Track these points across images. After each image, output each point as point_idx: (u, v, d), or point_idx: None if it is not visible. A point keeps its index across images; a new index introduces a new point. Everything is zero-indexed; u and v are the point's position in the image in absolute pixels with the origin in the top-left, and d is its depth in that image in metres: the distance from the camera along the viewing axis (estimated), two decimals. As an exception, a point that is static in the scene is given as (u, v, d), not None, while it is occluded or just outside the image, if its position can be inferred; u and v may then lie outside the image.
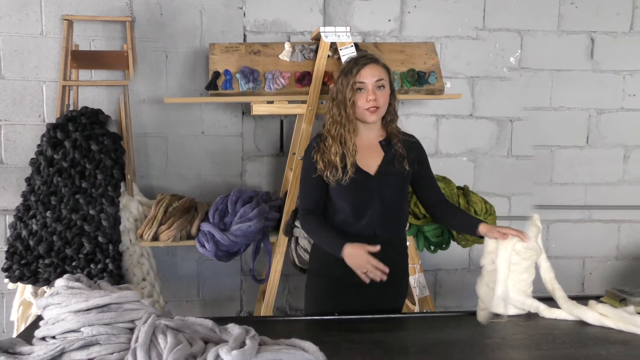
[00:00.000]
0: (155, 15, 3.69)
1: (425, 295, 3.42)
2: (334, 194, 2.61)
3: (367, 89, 2.54)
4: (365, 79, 2.53)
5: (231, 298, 4.00)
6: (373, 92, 2.53)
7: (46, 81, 3.66)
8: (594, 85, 4.11)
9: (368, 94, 2.53)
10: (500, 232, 2.39)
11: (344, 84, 2.56)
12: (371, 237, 2.56)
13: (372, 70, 2.55)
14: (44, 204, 3.24)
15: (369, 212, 2.59)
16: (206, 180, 3.87)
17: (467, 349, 2.11)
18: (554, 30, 4.03)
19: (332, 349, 1.90)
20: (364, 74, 2.54)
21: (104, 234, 3.22)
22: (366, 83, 2.53)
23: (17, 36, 3.62)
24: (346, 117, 2.56)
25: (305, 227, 2.72)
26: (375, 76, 2.54)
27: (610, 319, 2.23)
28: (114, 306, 1.86)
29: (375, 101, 2.53)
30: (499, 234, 2.39)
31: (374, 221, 2.59)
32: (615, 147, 4.18)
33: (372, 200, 2.58)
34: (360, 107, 2.55)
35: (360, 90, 2.55)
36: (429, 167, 2.77)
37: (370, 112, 2.54)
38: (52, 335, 1.85)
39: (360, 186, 2.57)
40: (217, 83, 3.36)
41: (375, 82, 2.54)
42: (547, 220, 4.18)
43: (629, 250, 4.29)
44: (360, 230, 2.59)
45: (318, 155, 2.59)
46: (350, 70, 2.56)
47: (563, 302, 2.36)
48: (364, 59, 2.60)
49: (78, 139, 3.28)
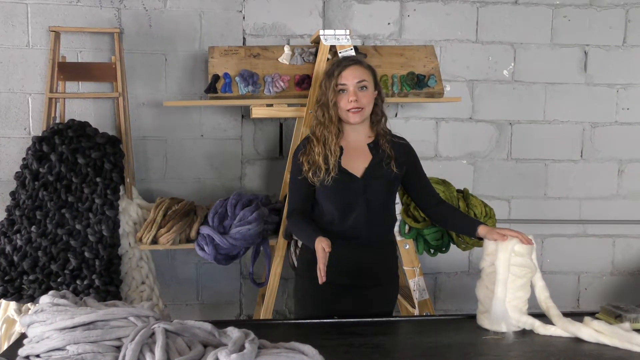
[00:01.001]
0: (144, 26, 3.68)
1: (425, 299, 3.42)
2: (320, 195, 2.62)
3: (349, 90, 2.57)
4: (346, 81, 2.57)
5: (230, 301, 4.01)
6: (354, 93, 2.56)
7: (32, 93, 3.63)
8: (588, 98, 4.10)
9: (349, 95, 2.56)
10: (500, 233, 2.38)
11: (326, 85, 2.61)
12: (356, 239, 2.60)
13: (354, 72, 2.58)
14: (28, 219, 3.22)
15: (354, 214, 2.59)
16: (205, 183, 3.88)
17: (465, 355, 2.12)
18: (547, 43, 4.02)
19: (331, 353, 1.91)
20: (345, 76, 2.57)
21: (90, 249, 3.20)
22: (347, 84, 2.57)
23: (3, 47, 3.60)
24: (329, 119, 2.59)
25: (289, 225, 2.76)
26: (357, 77, 2.57)
27: (606, 335, 2.20)
28: (100, 323, 1.81)
29: (356, 102, 2.55)
30: (498, 235, 2.38)
31: (360, 223, 2.60)
32: (610, 161, 4.16)
33: (357, 202, 2.59)
34: (342, 108, 2.58)
35: (342, 92, 2.58)
36: (422, 168, 2.78)
37: (352, 113, 2.57)
38: (36, 354, 1.80)
39: (346, 188, 2.58)
40: (216, 86, 3.37)
41: (356, 83, 2.57)
42: (542, 234, 4.18)
43: (624, 266, 4.27)
44: (346, 232, 2.60)
45: (304, 157, 2.62)
46: (333, 72, 2.60)
47: (557, 319, 2.33)
48: (346, 60, 2.65)
49: (64, 152, 3.27)
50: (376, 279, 2.66)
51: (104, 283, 3.18)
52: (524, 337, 2.28)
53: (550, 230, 4.18)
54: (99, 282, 3.16)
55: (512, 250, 2.32)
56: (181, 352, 1.70)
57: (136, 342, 1.70)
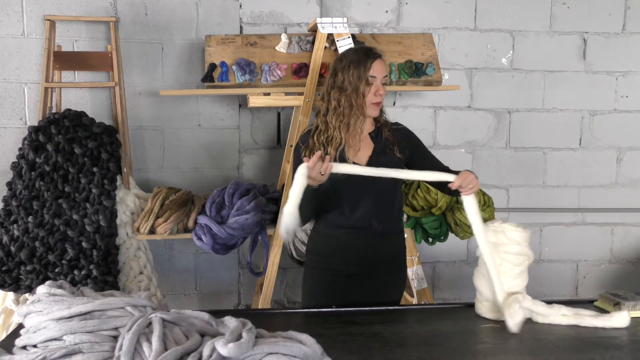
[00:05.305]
0: (140, 15, 3.65)
1: (424, 288, 3.44)
2: (327, 187, 2.58)
3: (376, 84, 2.57)
4: (376, 73, 2.57)
5: (229, 291, 4.00)
6: (381, 87, 2.58)
7: (28, 83, 3.61)
8: (587, 86, 4.08)
9: (376, 88, 2.57)
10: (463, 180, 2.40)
11: (354, 75, 2.55)
12: (366, 229, 2.60)
13: (381, 66, 2.60)
14: (25, 209, 3.20)
15: (363, 203, 2.60)
16: (203, 173, 3.86)
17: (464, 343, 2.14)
18: (546, 30, 4.00)
19: (329, 342, 1.92)
20: (376, 68, 2.57)
21: (87, 239, 3.18)
22: (377, 77, 2.57)
23: (-3, 37, 3.57)
24: (357, 107, 2.56)
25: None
26: (384, 72, 2.60)
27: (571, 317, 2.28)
28: (97, 313, 1.81)
29: (381, 96, 2.58)
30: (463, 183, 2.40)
31: (368, 213, 2.60)
32: (609, 149, 4.16)
33: (365, 191, 2.59)
34: (368, 100, 2.57)
35: (370, 85, 2.57)
36: (426, 148, 2.78)
37: (375, 106, 2.60)
38: (33, 344, 1.79)
39: (352, 178, 2.54)
40: (213, 75, 3.35)
41: (383, 77, 2.59)
42: (540, 223, 4.18)
43: (623, 254, 4.27)
44: (355, 222, 2.61)
45: (307, 150, 2.61)
46: (364, 63, 2.56)
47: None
48: (373, 52, 2.63)
49: (61, 142, 3.25)
50: (386, 268, 2.66)
51: (102, 273, 3.18)
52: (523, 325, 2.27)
53: (549, 218, 4.17)
54: (97, 272, 3.15)
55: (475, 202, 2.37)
56: (178, 342, 1.69)
57: (133, 331, 1.69)
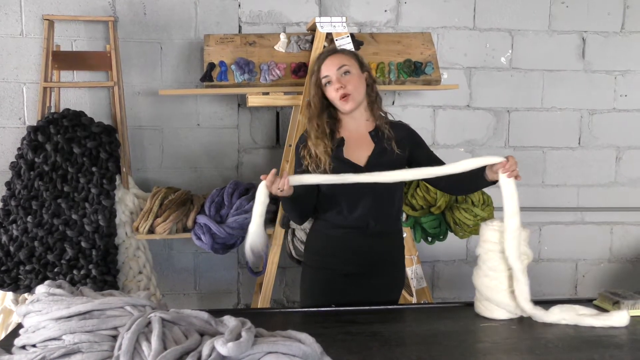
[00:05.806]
0: (138, 14, 3.64)
1: (423, 287, 3.43)
2: (326, 187, 2.60)
3: (333, 80, 2.58)
4: (328, 72, 2.59)
5: (228, 291, 4.00)
6: (338, 80, 2.57)
7: (27, 83, 3.60)
8: (586, 85, 4.08)
9: (334, 84, 2.58)
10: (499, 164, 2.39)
11: (314, 84, 2.65)
12: (364, 229, 2.60)
13: (332, 61, 2.61)
14: (24, 209, 3.20)
15: (361, 203, 2.59)
16: (202, 172, 3.86)
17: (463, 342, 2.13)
18: (545, 30, 4.00)
19: (328, 341, 1.91)
20: (326, 68, 2.60)
21: (86, 239, 3.18)
22: (330, 75, 2.59)
23: (-5, 37, 3.57)
24: (326, 109, 2.63)
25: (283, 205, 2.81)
26: (336, 65, 2.59)
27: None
28: (96, 313, 1.80)
29: (343, 89, 2.56)
30: (499, 165, 2.39)
31: (367, 213, 2.59)
32: (608, 148, 4.15)
33: (363, 191, 2.56)
34: (334, 99, 2.60)
35: (329, 84, 2.60)
36: (426, 146, 2.77)
37: (343, 101, 2.57)
38: (32, 344, 1.79)
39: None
40: (212, 74, 3.35)
41: (337, 70, 2.58)
42: (539, 222, 4.17)
43: (622, 253, 4.27)
44: (354, 222, 2.60)
45: (305, 151, 2.63)
46: (316, 68, 2.64)
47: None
48: (323, 53, 2.70)
49: (60, 141, 3.25)
50: (384, 268, 2.66)
51: (101, 273, 3.18)
52: (522, 324, 2.28)
53: (548, 217, 4.17)
54: (96, 272, 3.15)
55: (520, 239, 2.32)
56: (178, 341, 1.69)
57: (132, 331, 1.69)
